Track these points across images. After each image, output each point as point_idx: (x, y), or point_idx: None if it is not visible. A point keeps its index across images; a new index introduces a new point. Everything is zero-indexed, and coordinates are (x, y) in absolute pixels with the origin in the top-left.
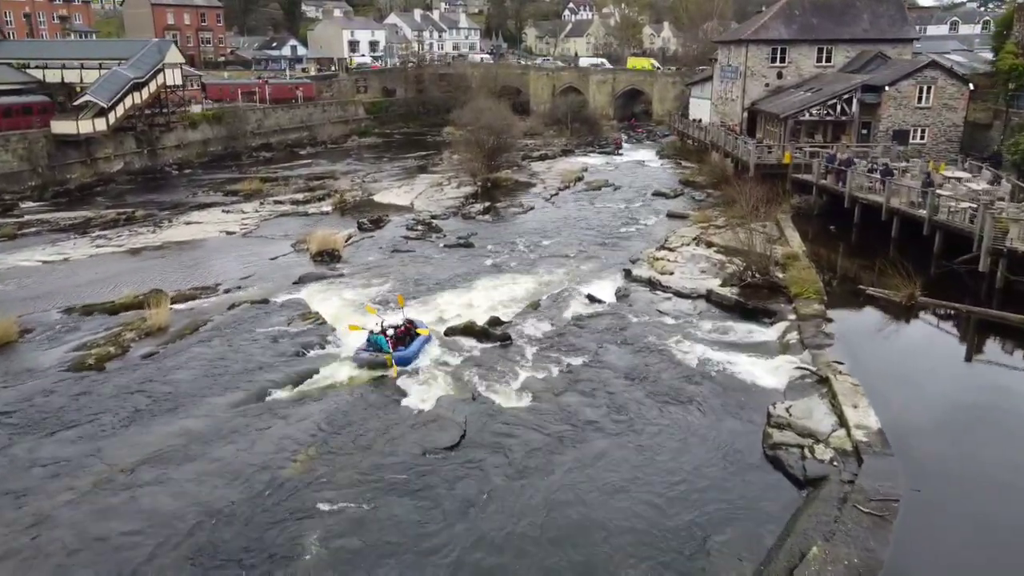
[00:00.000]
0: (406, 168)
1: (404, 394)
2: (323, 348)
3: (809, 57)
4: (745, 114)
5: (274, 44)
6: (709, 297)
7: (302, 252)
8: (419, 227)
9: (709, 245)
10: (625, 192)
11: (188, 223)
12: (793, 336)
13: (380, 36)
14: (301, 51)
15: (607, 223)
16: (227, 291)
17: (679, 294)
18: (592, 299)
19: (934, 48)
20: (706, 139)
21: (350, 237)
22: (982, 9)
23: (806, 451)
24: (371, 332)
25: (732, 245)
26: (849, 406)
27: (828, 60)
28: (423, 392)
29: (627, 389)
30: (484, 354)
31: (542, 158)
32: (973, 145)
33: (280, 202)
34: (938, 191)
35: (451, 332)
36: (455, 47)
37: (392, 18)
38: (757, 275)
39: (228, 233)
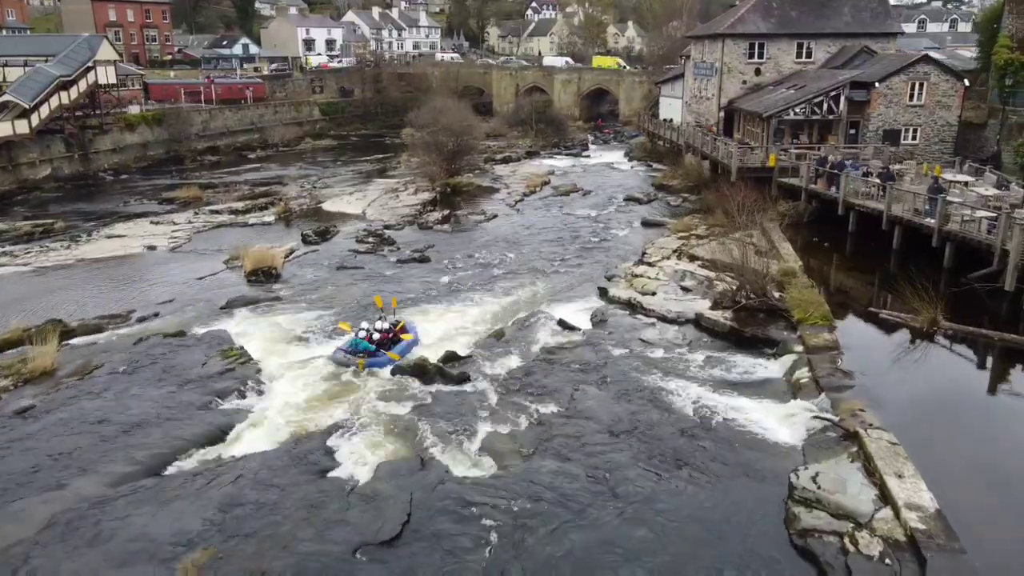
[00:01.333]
0: (361, 172)
1: (336, 461)
2: (243, 397)
3: (788, 53)
4: (722, 113)
5: (225, 42)
6: (699, 323)
7: (236, 270)
8: (370, 239)
9: (692, 259)
10: (595, 197)
11: (110, 237)
12: (804, 373)
13: (337, 35)
14: (254, 50)
15: (578, 233)
16: (140, 320)
17: (664, 319)
18: (565, 326)
19: (906, 47)
20: (679, 140)
21: (292, 251)
22: (948, 7)
23: (847, 541)
24: (356, 334)
25: (719, 259)
26: (892, 475)
27: (808, 56)
28: (361, 455)
29: (611, 448)
30: (437, 401)
31: (506, 161)
32: (965, 146)
33: (218, 211)
34: (948, 198)
35: (399, 372)
36: (415, 46)
37: (350, 16)
38: (752, 296)
39: (153, 248)
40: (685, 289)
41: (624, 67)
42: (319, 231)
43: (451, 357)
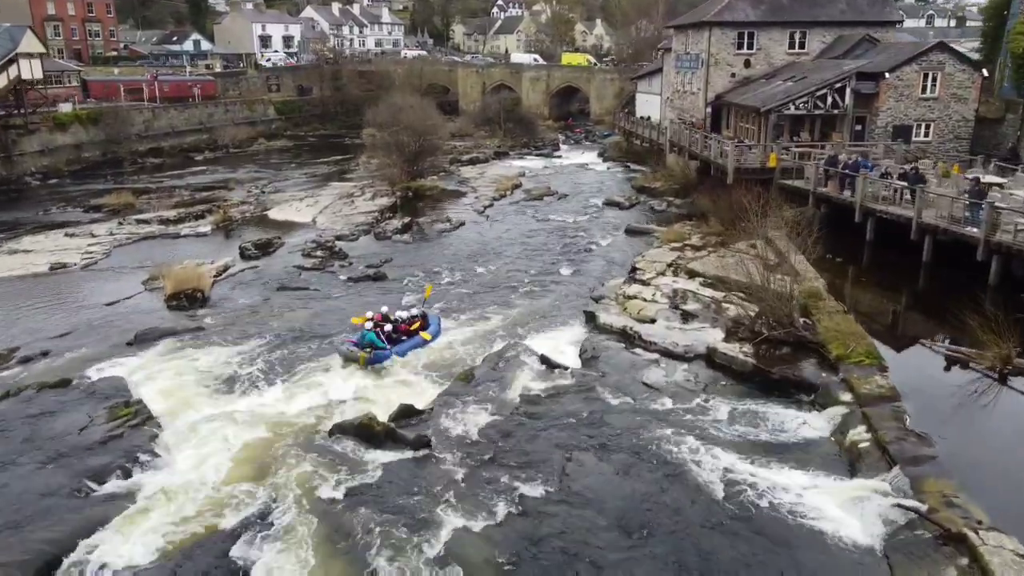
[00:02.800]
0: (316, 176)
1: None
2: (127, 476)
3: (780, 43)
4: (709, 109)
5: (174, 38)
6: (711, 359)
7: (156, 292)
8: (318, 253)
9: (692, 275)
10: (572, 202)
11: (13, 252)
12: (862, 434)
13: (295, 31)
14: (206, 46)
15: (555, 242)
16: (24, 361)
17: (669, 354)
18: (548, 363)
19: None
20: (659, 139)
21: (225, 268)
22: (951, 6)
23: None
24: (373, 325)
25: (726, 276)
26: None
27: (801, 47)
28: (286, 571)
29: (621, 554)
30: (387, 477)
31: (473, 162)
32: (979, 143)
33: (145, 221)
34: (995, 203)
35: (338, 433)
36: (378, 43)
37: (308, 12)
38: (776, 326)
39: (61, 267)
40: (688, 314)
41: (595, 64)
42: (260, 244)
43: (406, 412)
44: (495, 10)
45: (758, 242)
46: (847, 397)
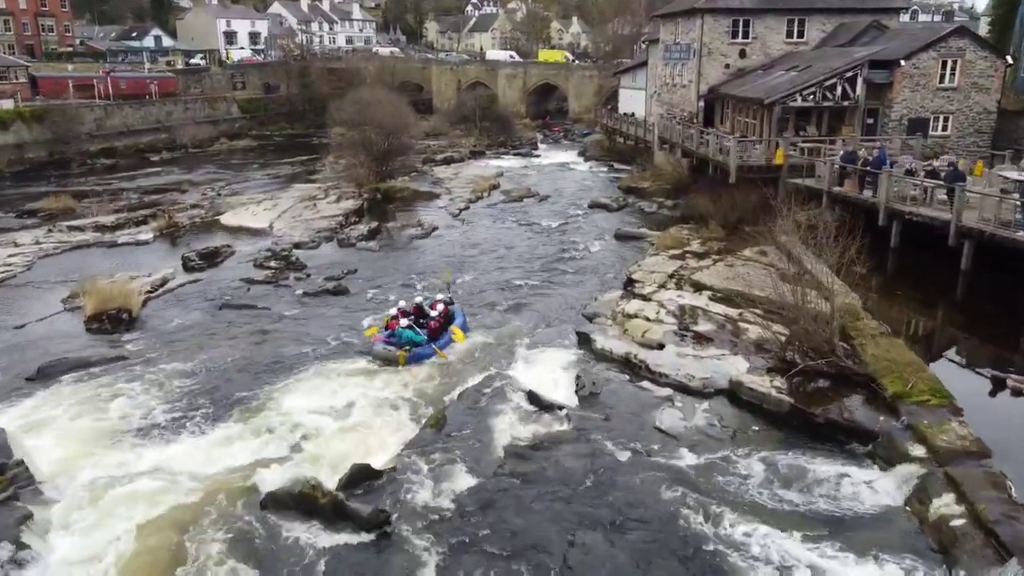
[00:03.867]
0: (280, 176)
1: None
2: None
3: (778, 31)
4: (702, 103)
5: (134, 34)
6: (736, 394)
7: (77, 312)
8: (272, 263)
9: (698, 288)
10: (555, 203)
11: None
12: (950, 506)
13: (262, 27)
14: (168, 42)
15: (539, 249)
16: None
17: (684, 388)
18: (538, 402)
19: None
20: (646, 136)
21: (163, 283)
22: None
23: None
24: (396, 319)
25: (739, 289)
26: None
27: (800, 36)
28: None
29: None
30: (333, 568)
31: (447, 161)
32: (1000, 136)
33: (79, 228)
34: None
35: (271, 505)
36: (348, 40)
37: (276, 8)
38: (812, 353)
39: None
40: (701, 337)
41: (574, 61)
42: (206, 253)
43: (360, 475)
44: (469, 8)
45: (769, 249)
46: (919, 451)
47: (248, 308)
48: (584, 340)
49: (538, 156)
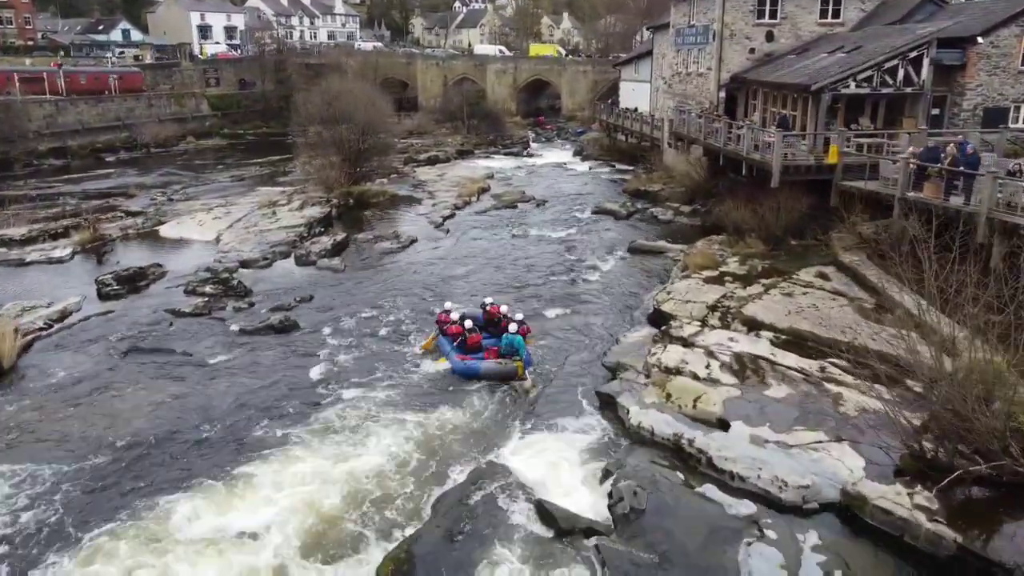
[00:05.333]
0: (245, 179)
1: None
2: None
3: (810, 11)
4: (722, 93)
5: (100, 27)
6: (856, 515)
7: None
8: (209, 287)
9: (753, 326)
10: (553, 210)
11: None
12: None
13: (238, 21)
14: (137, 36)
15: (537, 267)
16: None
17: (771, 501)
18: (552, 523)
19: None
20: (652, 132)
21: (61, 317)
22: None
23: None
24: (462, 325)
25: (809, 329)
26: None
27: (835, 16)
28: None
29: None
30: None
31: (432, 162)
32: None
33: None
34: None
35: None
36: (330, 36)
37: (254, 1)
38: (968, 450)
39: None
40: (778, 405)
41: (567, 55)
42: (127, 275)
43: None
44: (457, 4)
45: (829, 270)
46: None
47: (163, 353)
48: (607, 404)
49: (531, 155)
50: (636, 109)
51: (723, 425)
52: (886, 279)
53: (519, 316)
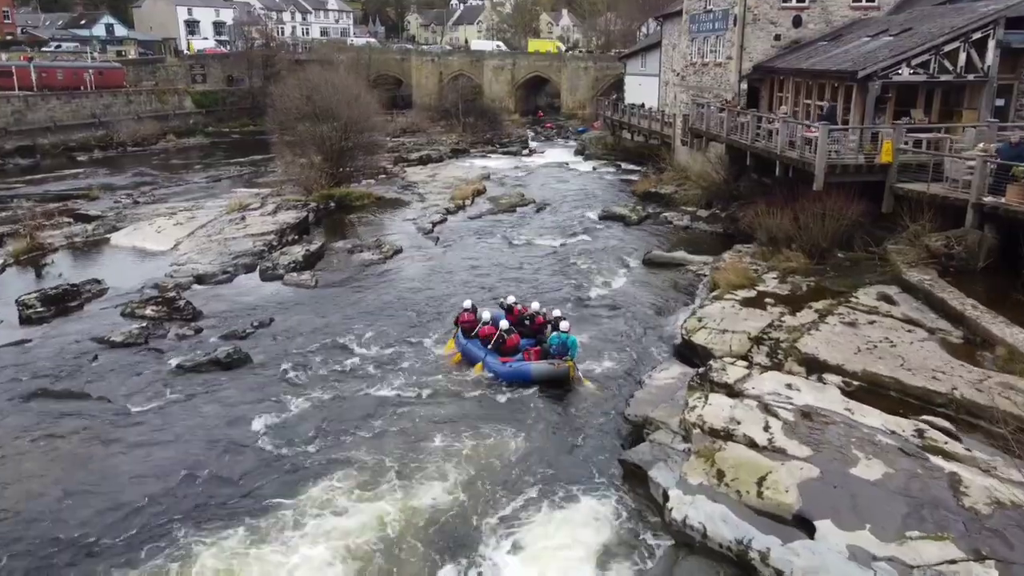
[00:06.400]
0: (221, 180)
1: None
2: None
3: None
4: (744, 84)
5: (82, 22)
6: None
7: None
8: (150, 308)
9: (813, 367)
10: (555, 214)
11: None
12: None
13: (227, 15)
14: (121, 31)
15: (539, 284)
16: None
17: None
18: None
19: None
20: (663, 129)
21: None
22: None
23: None
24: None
25: (889, 375)
26: None
27: None
28: None
29: None
30: None
31: (424, 161)
32: None
33: None
34: None
35: None
36: (323, 32)
37: None
38: None
39: None
40: (875, 488)
41: (567, 51)
42: (56, 295)
43: None
44: (454, 0)
45: (891, 289)
46: None
47: (75, 399)
48: (634, 477)
49: (530, 155)
50: (643, 105)
51: (804, 525)
52: (970, 304)
53: (557, 312)
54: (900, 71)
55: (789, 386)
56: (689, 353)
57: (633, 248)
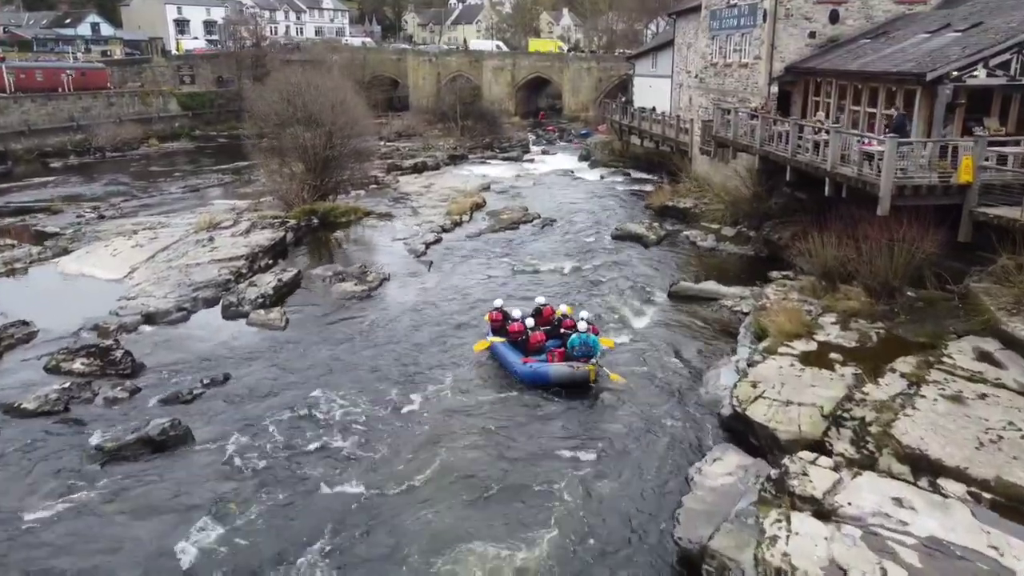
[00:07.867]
0: (201, 189)
1: None
2: None
3: None
4: (774, 87)
5: (67, 21)
6: None
7: None
8: (80, 361)
9: (918, 465)
10: (563, 232)
11: None
12: None
13: (218, 15)
14: (107, 30)
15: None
16: None
17: None
18: None
19: None
20: (678, 136)
21: None
22: None
23: None
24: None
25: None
26: None
27: None
28: None
29: None
30: None
31: (419, 169)
32: None
33: None
34: None
35: None
36: (318, 31)
37: None
38: None
39: None
40: None
41: (569, 51)
42: None
43: None
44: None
45: (991, 345)
46: None
47: None
48: None
49: (532, 161)
50: (654, 109)
51: None
52: None
53: (584, 314)
54: (975, 72)
55: (899, 502)
56: (743, 429)
57: (655, 275)
